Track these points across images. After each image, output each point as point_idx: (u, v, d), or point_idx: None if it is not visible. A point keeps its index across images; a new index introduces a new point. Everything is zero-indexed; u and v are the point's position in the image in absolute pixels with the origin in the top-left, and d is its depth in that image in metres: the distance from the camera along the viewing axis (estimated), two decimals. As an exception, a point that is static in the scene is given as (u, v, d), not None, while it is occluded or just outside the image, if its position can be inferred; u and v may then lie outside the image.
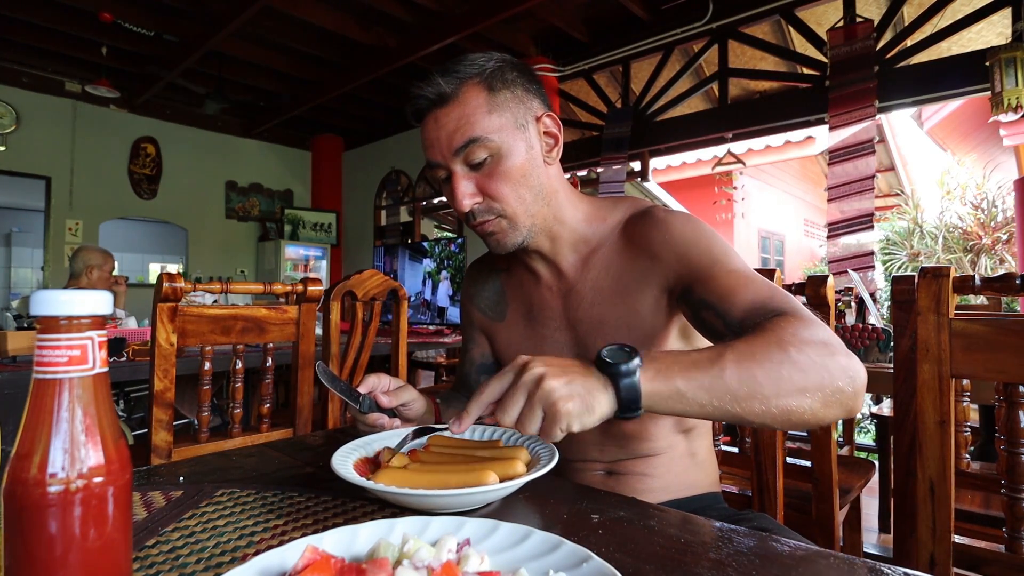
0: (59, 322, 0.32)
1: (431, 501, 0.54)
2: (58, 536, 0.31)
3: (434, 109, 0.78)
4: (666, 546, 0.50)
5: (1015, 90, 2.77)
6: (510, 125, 0.79)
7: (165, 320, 1.22)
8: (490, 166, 0.78)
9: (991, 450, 1.83)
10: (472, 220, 0.81)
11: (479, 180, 0.79)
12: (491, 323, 0.98)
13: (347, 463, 0.62)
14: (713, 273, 0.74)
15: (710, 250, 0.76)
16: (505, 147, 0.78)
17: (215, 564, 0.46)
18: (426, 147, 0.81)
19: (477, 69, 0.78)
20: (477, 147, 0.77)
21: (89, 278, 3.00)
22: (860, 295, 2.04)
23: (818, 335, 0.60)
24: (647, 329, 0.81)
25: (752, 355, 0.57)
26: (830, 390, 0.57)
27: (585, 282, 0.85)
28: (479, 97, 0.77)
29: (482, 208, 0.80)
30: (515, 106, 0.80)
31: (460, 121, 0.76)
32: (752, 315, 0.67)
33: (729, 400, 0.56)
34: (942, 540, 0.82)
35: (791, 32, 4.13)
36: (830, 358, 0.58)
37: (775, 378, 0.56)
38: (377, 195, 6.53)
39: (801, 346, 0.58)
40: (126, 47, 4.55)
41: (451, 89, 0.77)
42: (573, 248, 0.87)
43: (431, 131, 0.79)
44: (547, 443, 0.69)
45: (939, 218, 6.57)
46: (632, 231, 0.83)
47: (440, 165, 0.80)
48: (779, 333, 0.59)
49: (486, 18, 3.72)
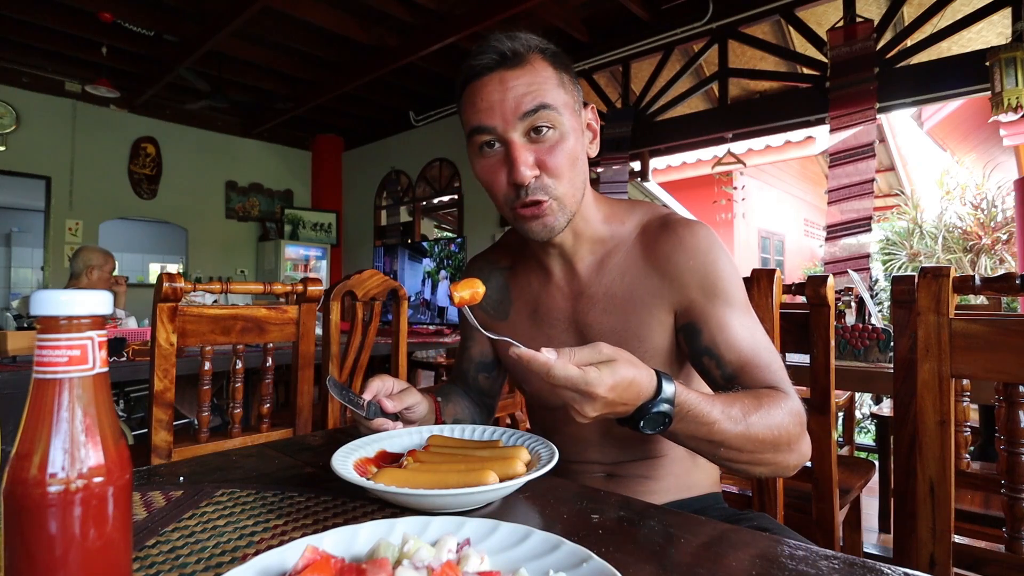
0: (59, 322, 0.32)
1: (431, 501, 0.54)
2: (58, 536, 0.31)
3: (500, 69, 0.74)
4: (666, 546, 0.50)
5: (1015, 90, 2.77)
6: (571, 106, 0.77)
7: (165, 320, 1.22)
8: (552, 140, 0.75)
9: (991, 450, 1.83)
10: (522, 196, 0.75)
11: (538, 153, 0.74)
12: (493, 322, 0.95)
13: (347, 463, 0.62)
14: (723, 320, 0.75)
15: (725, 289, 0.77)
16: (568, 125, 0.75)
17: (215, 564, 0.46)
18: (479, 110, 0.74)
19: (541, 44, 0.76)
20: (546, 114, 0.73)
21: (89, 278, 3.00)
22: (860, 295, 2.03)
23: (797, 420, 0.70)
24: (656, 344, 0.80)
25: (748, 438, 0.66)
26: (781, 469, 0.71)
27: (599, 286, 0.83)
28: (547, 70, 0.75)
29: (537, 185, 0.75)
30: (573, 90, 0.78)
31: (531, 86, 0.73)
32: (748, 374, 0.74)
33: (708, 454, 0.68)
34: (942, 540, 0.82)
35: (791, 32, 4.13)
36: (797, 445, 0.70)
37: (752, 457, 0.68)
38: (377, 195, 6.53)
39: (785, 431, 0.68)
40: (126, 47, 4.55)
41: (523, 51, 0.74)
42: (591, 248, 0.84)
43: (493, 92, 0.73)
44: (547, 443, 0.69)
45: (939, 218, 6.56)
46: (650, 241, 0.82)
47: (493, 130, 0.74)
48: (776, 419, 0.68)
49: (486, 18, 3.73)
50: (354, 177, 6.85)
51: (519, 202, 0.76)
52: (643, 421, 0.61)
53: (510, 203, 0.77)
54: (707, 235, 0.80)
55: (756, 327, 0.77)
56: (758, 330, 0.77)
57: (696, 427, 0.64)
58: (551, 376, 0.56)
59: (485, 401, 1.03)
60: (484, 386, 1.01)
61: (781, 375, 0.74)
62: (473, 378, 1.01)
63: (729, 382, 0.75)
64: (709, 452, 0.67)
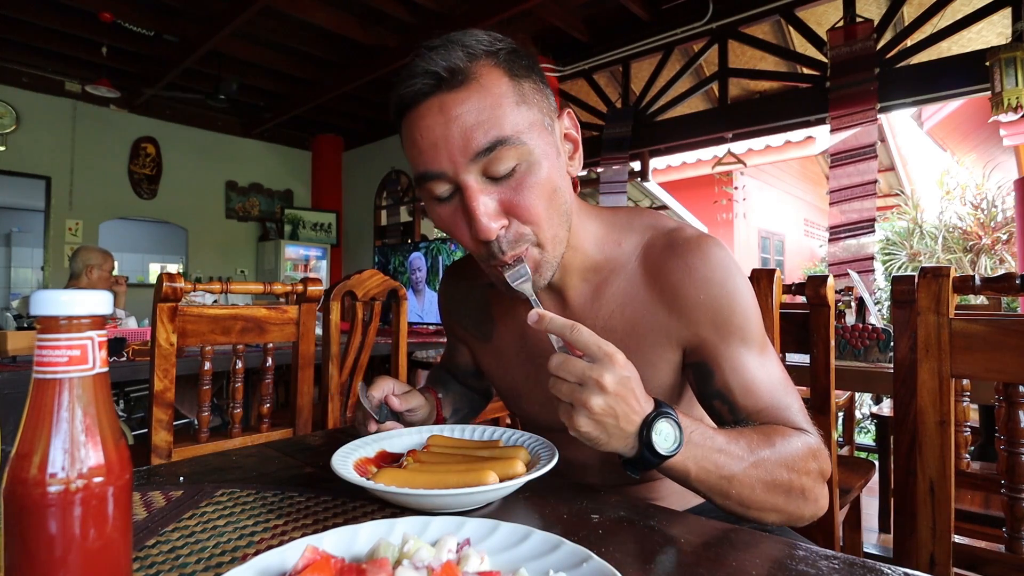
0: (59, 322, 0.32)
1: (431, 501, 0.54)
2: (58, 536, 0.31)
3: (439, 92, 0.58)
4: (666, 546, 0.50)
5: (1015, 90, 2.77)
6: (539, 124, 0.61)
7: (165, 320, 1.22)
8: (518, 177, 0.60)
9: (991, 450, 1.83)
10: (496, 254, 0.62)
11: (503, 196, 0.60)
12: (476, 341, 0.86)
13: (347, 463, 0.62)
14: (737, 361, 0.67)
15: (741, 325, 0.67)
16: (537, 152, 0.60)
17: (215, 564, 0.46)
18: (422, 149, 0.59)
19: (488, 47, 0.60)
20: (506, 150, 0.58)
21: (89, 278, 3.00)
22: (860, 295, 2.04)
23: (820, 457, 0.64)
24: (662, 383, 0.72)
25: (763, 482, 0.60)
26: (795, 517, 0.64)
27: (595, 319, 0.71)
28: (501, 83, 0.59)
29: (510, 236, 0.62)
30: (540, 100, 0.63)
31: (482, 113, 0.57)
32: (760, 417, 0.67)
33: (719, 498, 0.61)
34: (942, 540, 0.82)
35: (791, 32, 4.13)
36: (812, 493, 0.63)
37: (765, 502, 0.61)
38: (377, 195, 6.53)
39: (802, 490, 0.62)
40: (126, 47, 4.55)
41: (464, 66, 0.58)
42: (582, 276, 0.72)
43: (433, 126, 0.58)
44: (547, 443, 0.69)
45: (939, 218, 6.57)
46: (654, 267, 0.70)
47: (442, 176, 0.59)
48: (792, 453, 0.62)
49: (486, 18, 3.73)
50: (354, 177, 6.85)
51: (496, 261, 0.63)
52: (653, 433, 0.54)
53: (484, 260, 0.65)
54: (720, 258, 0.68)
55: (773, 365, 0.69)
56: (775, 369, 0.69)
57: (704, 456, 0.57)
58: (574, 335, 0.52)
59: (481, 386, 1.01)
60: (475, 386, 1.00)
61: (800, 415, 0.67)
62: (463, 379, 0.98)
63: (742, 424, 0.68)
64: (721, 493, 0.60)
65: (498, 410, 2.33)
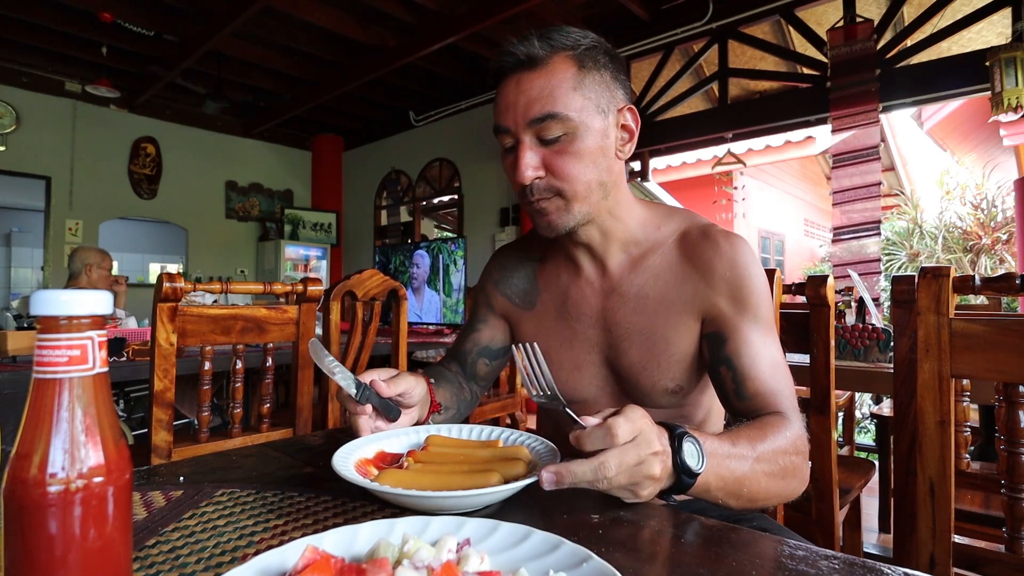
0: (59, 322, 0.32)
1: (435, 503, 0.54)
2: (58, 536, 0.31)
3: (519, 71, 0.76)
4: (666, 546, 0.50)
5: (1015, 90, 2.77)
6: (591, 107, 0.76)
7: (165, 320, 1.22)
8: (562, 144, 0.75)
9: (991, 450, 1.83)
10: (528, 196, 0.78)
11: (546, 155, 0.76)
12: (518, 311, 0.95)
13: (348, 463, 0.62)
14: (749, 335, 0.77)
15: (756, 304, 0.78)
16: (582, 127, 0.75)
17: (215, 564, 0.46)
18: (499, 110, 0.78)
19: (571, 42, 0.76)
20: (554, 123, 0.74)
21: (89, 277, 3.00)
22: (860, 295, 2.03)
23: (804, 442, 0.72)
24: (682, 348, 0.81)
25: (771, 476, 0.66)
26: (789, 496, 0.71)
27: (631, 286, 0.83)
28: (567, 71, 0.75)
29: (542, 185, 0.77)
30: (601, 90, 0.77)
31: (543, 91, 0.74)
32: (761, 397, 0.74)
33: (734, 500, 0.66)
34: (942, 540, 0.82)
35: (791, 32, 4.14)
36: (802, 472, 0.71)
37: (769, 492, 0.67)
38: (377, 195, 6.54)
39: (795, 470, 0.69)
40: (126, 47, 4.55)
41: (542, 54, 0.75)
42: (623, 247, 0.85)
43: (509, 94, 0.76)
44: (546, 442, 0.69)
45: (939, 218, 6.57)
46: (689, 247, 0.82)
47: (508, 131, 0.77)
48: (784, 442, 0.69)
49: (486, 18, 3.73)
50: (354, 177, 6.85)
51: (526, 199, 0.79)
52: (684, 454, 0.58)
53: (521, 199, 0.80)
54: (747, 250, 0.80)
55: (777, 349, 0.78)
56: (778, 352, 0.78)
57: (718, 463, 0.62)
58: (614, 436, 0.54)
59: (474, 388, 1.01)
60: (481, 371, 1.00)
61: (791, 402, 0.75)
62: (472, 361, 0.99)
63: (740, 399, 0.76)
64: (734, 495, 0.64)
65: (498, 410, 2.33)
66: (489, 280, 1.00)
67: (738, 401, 0.76)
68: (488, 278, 1.01)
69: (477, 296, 1.03)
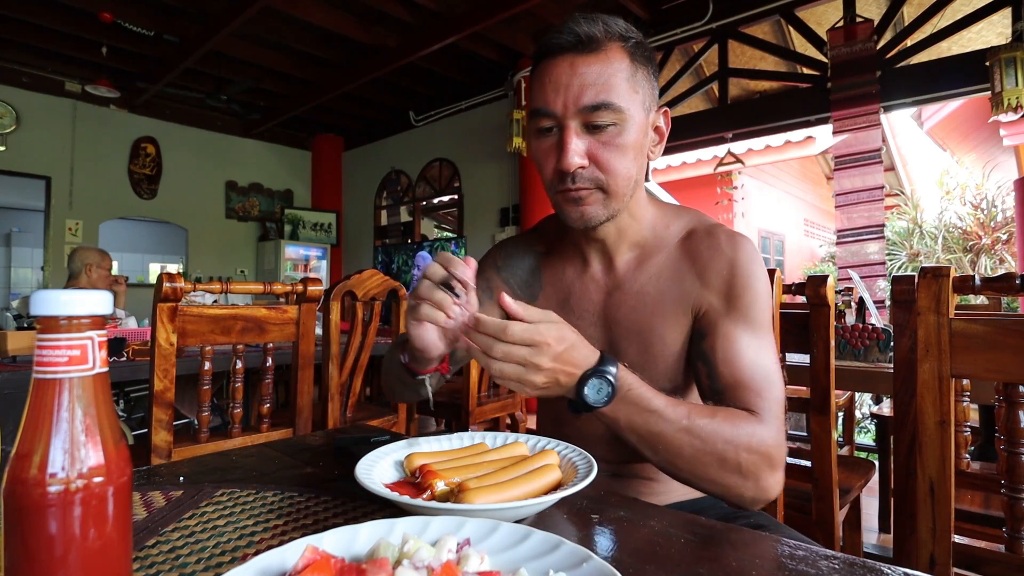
0: (59, 322, 0.32)
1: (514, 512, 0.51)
2: (58, 536, 0.31)
3: (573, 52, 0.72)
4: (666, 546, 0.50)
5: (1015, 90, 2.77)
6: (639, 102, 0.74)
7: (165, 320, 1.22)
8: (610, 135, 0.73)
9: (991, 450, 1.83)
10: (568, 183, 0.74)
11: (592, 144, 0.73)
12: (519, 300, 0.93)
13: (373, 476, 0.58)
14: (731, 333, 0.74)
15: (747, 304, 0.75)
16: (630, 121, 0.73)
17: (215, 564, 0.46)
18: (546, 91, 0.73)
19: (623, 31, 0.73)
20: (607, 112, 0.71)
21: (89, 276, 3.00)
22: (860, 295, 2.03)
23: (759, 447, 0.66)
24: (678, 346, 0.80)
25: (690, 442, 0.65)
26: (734, 495, 0.67)
27: (633, 284, 0.82)
28: (623, 61, 0.72)
29: (585, 174, 0.74)
30: (647, 86, 0.76)
31: (600, 77, 0.71)
32: (735, 393, 0.71)
33: (649, 452, 0.66)
34: (942, 540, 0.82)
35: (791, 32, 4.14)
36: (755, 473, 0.66)
37: (694, 467, 0.66)
38: (377, 195, 6.54)
39: (741, 465, 0.66)
40: (126, 47, 4.55)
41: (601, 38, 0.71)
42: (632, 246, 0.84)
43: (561, 75, 0.72)
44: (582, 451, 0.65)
45: (939, 218, 6.57)
46: (692, 247, 0.81)
47: (552, 115, 0.73)
48: (728, 434, 0.66)
49: (486, 18, 3.73)
50: (354, 177, 6.85)
51: (563, 186, 0.75)
52: (587, 387, 0.62)
53: (554, 186, 0.77)
54: (749, 251, 0.78)
55: (764, 351, 0.74)
56: (765, 355, 0.74)
57: (636, 412, 0.64)
58: (508, 334, 0.58)
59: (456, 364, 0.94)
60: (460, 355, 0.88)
61: (769, 405, 0.70)
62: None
63: (716, 396, 0.73)
64: (649, 447, 0.66)
65: (498, 410, 2.33)
66: (491, 265, 0.96)
67: (712, 396, 0.74)
68: (490, 263, 0.96)
69: (477, 281, 0.96)
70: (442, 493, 0.56)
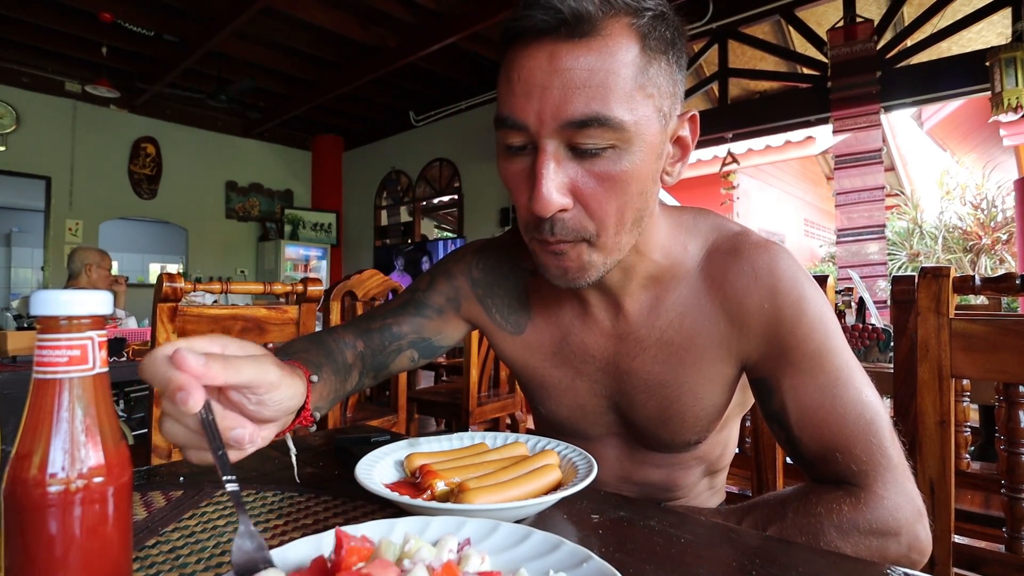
0: (59, 322, 0.32)
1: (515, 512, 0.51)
2: (58, 536, 0.31)
3: (555, 37, 0.48)
4: (666, 546, 0.50)
5: (1015, 90, 2.77)
6: (652, 111, 0.51)
7: (165, 320, 1.22)
8: (606, 162, 0.51)
9: (991, 450, 1.83)
10: (545, 232, 0.54)
11: (579, 176, 0.52)
12: (498, 330, 0.74)
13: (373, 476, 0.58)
14: (798, 382, 0.59)
15: (805, 338, 0.58)
16: (637, 140, 0.51)
17: (215, 564, 0.46)
18: (513, 93, 0.51)
19: (633, 2, 0.50)
20: (601, 130, 0.49)
21: (89, 276, 3.00)
22: (860, 295, 2.04)
23: (882, 520, 0.53)
24: (715, 402, 0.66)
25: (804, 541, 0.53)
26: (889, 561, 0.52)
27: (652, 330, 0.65)
28: (629, 49, 0.49)
29: (569, 222, 0.53)
30: (666, 85, 0.53)
31: (594, 76, 0.48)
32: (823, 468, 0.58)
33: None
34: (942, 540, 0.82)
35: (791, 32, 4.14)
36: (894, 544, 0.53)
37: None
38: (377, 195, 6.54)
39: (859, 542, 0.53)
40: (126, 47, 4.56)
41: (596, 14, 0.48)
42: (644, 284, 0.65)
43: (535, 70, 0.49)
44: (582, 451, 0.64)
45: (939, 218, 6.58)
46: (718, 274, 0.63)
47: (523, 127, 0.51)
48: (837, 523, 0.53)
49: (486, 18, 3.73)
50: (354, 177, 6.86)
51: (539, 235, 0.55)
52: None
53: (528, 231, 0.57)
54: (788, 266, 0.60)
55: (848, 387, 0.58)
56: (851, 391, 0.57)
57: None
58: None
59: (363, 382, 0.75)
60: (399, 364, 0.77)
61: (876, 459, 0.55)
62: (396, 349, 0.75)
63: (802, 464, 0.61)
64: None
65: (498, 410, 2.33)
66: (465, 274, 0.76)
67: (800, 465, 0.62)
68: (464, 270, 0.76)
69: (438, 278, 0.77)
70: (442, 493, 0.56)
